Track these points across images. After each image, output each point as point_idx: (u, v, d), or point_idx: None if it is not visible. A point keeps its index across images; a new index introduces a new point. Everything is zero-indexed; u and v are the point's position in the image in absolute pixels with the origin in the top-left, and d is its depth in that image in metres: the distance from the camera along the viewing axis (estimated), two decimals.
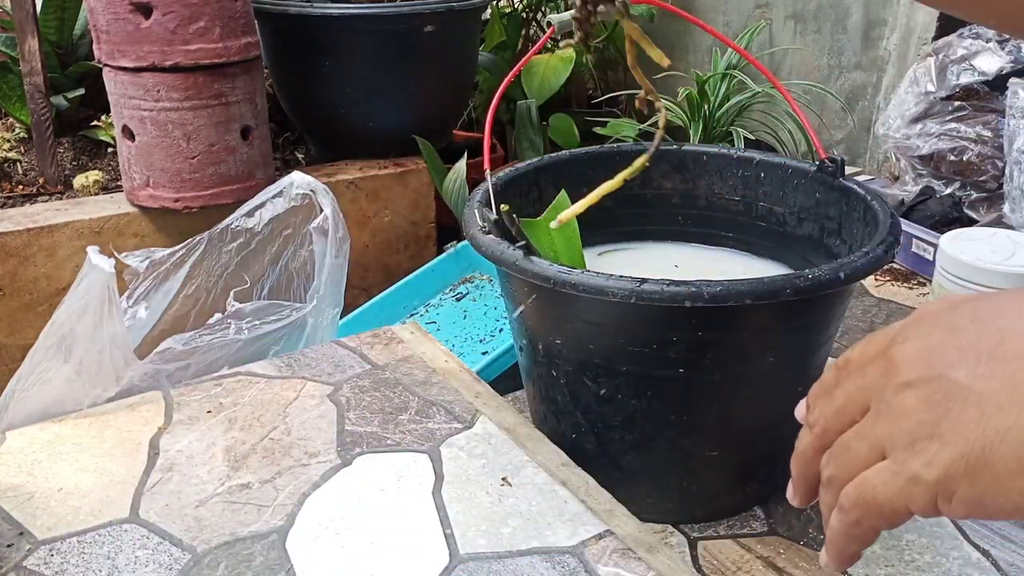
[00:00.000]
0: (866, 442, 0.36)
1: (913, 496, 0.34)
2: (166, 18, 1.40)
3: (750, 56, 0.96)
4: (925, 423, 0.34)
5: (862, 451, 0.37)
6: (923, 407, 0.34)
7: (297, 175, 0.97)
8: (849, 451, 0.37)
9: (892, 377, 0.36)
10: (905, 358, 0.36)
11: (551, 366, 0.81)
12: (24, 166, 1.76)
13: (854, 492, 0.37)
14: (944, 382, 0.34)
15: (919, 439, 0.34)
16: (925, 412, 0.34)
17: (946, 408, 0.34)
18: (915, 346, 0.36)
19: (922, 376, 0.35)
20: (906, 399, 0.35)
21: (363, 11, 1.72)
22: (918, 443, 0.34)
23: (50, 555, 0.61)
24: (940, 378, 0.34)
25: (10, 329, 1.51)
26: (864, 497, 0.36)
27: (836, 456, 0.38)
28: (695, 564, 0.79)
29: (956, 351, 0.35)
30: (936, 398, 0.34)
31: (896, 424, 0.35)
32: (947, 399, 0.34)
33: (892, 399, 0.36)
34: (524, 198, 0.93)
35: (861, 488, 0.36)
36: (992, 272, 0.92)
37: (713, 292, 0.67)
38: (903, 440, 0.35)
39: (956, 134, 1.43)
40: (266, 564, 0.60)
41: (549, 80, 1.99)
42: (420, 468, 0.70)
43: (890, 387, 0.36)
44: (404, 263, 1.84)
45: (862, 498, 0.36)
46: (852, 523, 0.37)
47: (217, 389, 0.81)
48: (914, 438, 0.34)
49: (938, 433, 0.34)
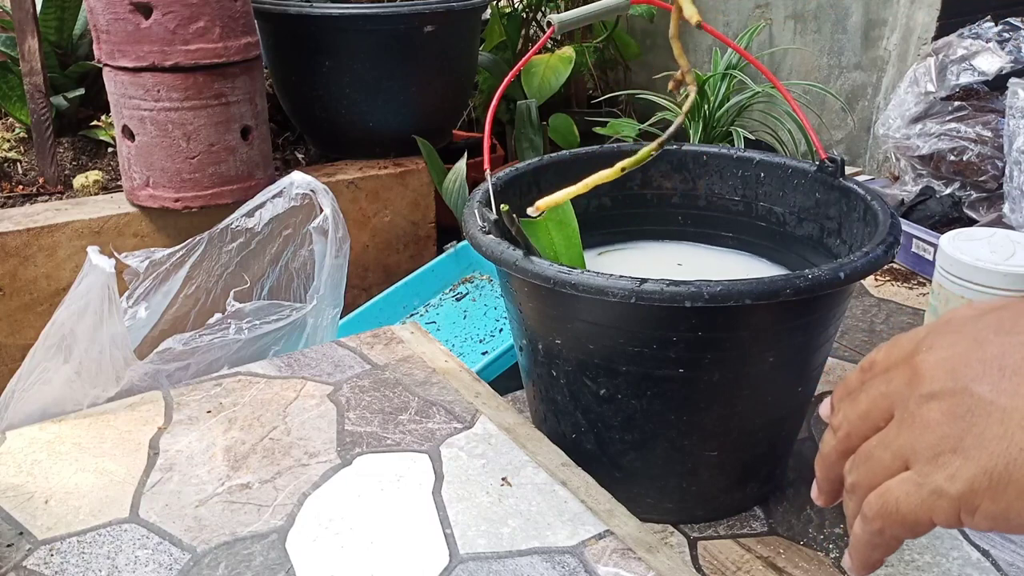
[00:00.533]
0: (889, 451, 0.37)
1: (936, 509, 0.35)
2: (166, 18, 1.40)
3: (750, 56, 0.96)
4: (949, 437, 0.35)
5: (885, 460, 0.37)
6: (946, 420, 0.35)
7: (297, 175, 0.97)
8: (872, 459, 0.38)
9: (916, 387, 0.36)
10: (929, 368, 0.36)
11: (551, 366, 0.81)
12: (24, 166, 1.76)
13: (877, 502, 0.37)
14: (967, 396, 0.35)
15: (943, 452, 0.35)
16: (948, 425, 0.35)
17: (969, 423, 0.34)
18: (939, 356, 0.36)
19: (946, 388, 0.35)
20: (930, 411, 0.35)
21: (363, 11, 1.72)
22: (942, 456, 0.35)
23: (50, 555, 0.61)
24: (964, 391, 0.35)
25: (10, 329, 1.51)
26: (887, 508, 0.36)
27: (859, 464, 0.38)
28: (695, 564, 0.79)
29: (980, 364, 0.35)
30: (959, 412, 0.35)
31: (920, 436, 0.36)
32: (970, 413, 0.34)
33: (916, 410, 0.36)
34: (524, 198, 0.93)
35: (884, 498, 0.37)
36: (992, 272, 0.92)
37: (713, 292, 0.67)
38: (927, 452, 0.35)
39: (956, 134, 1.43)
40: (266, 564, 0.60)
41: (549, 80, 1.99)
42: (420, 468, 0.70)
43: (914, 397, 0.36)
44: (404, 263, 1.85)
45: (885, 508, 0.36)
46: (875, 532, 0.38)
47: (217, 389, 0.81)
48: (938, 451, 0.35)
49: (962, 447, 0.34)
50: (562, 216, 0.84)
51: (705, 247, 0.99)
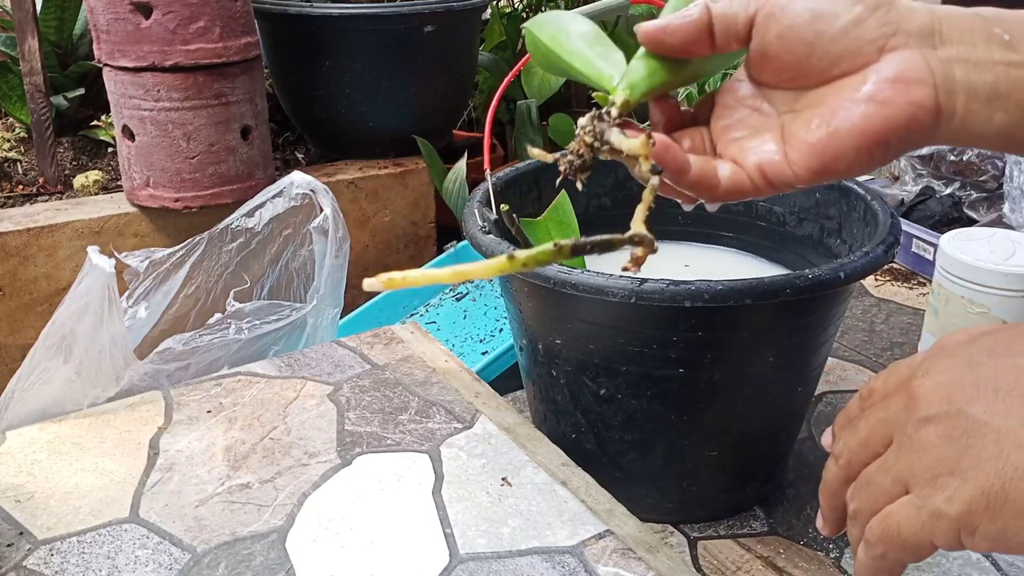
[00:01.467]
0: (889, 476, 0.37)
1: (936, 531, 0.35)
2: (166, 18, 1.40)
3: None
4: (946, 459, 0.35)
5: (885, 485, 0.37)
6: (943, 443, 0.35)
7: (297, 175, 0.97)
8: (873, 485, 0.38)
9: (913, 412, 0.37)
10: (925, 393, 0.37)
11: (551, 366, 0.81)
12: (24, 166, 1.76)
13: (879, 527, 0.37)
14: (963, 418, 0.35)
15: (940, 474, 0.35)
16: (945, 448, 0.35)
17: (965, 444, 0.34)
18: (935, 381, 0.37)
19: (942, 412, 0.36)
20: (927, 434, 0.36)
21: (363, 11, 1.72)
22: (940, 478, 0.35)
23: (50, 555, 0.61)
24: (959, 414, 0.35)
25: (10, 329, 1.51)
26: (888, 532, 0.37)
27: (860, 490, 0.39)
28: (695, 564, 0.79)
29: (974, 387, 0.35)
30: (955, 434, 0.35)
31: (918, 459, 0.36)
32: (966, 435, 0.35)
33: (914, 434, 0.36)
34: (524, 198, 0.93)
35: (886, 523, 0.37)
36: (992, 272, 0.92)
37: (713, 292, 0.67)
38: (925, 475, 0.35)
39: None
40: (266, 564, 0.60)
41: (549, 80, 1.99)
42: (420, 468, 0.70)
43: (911, 422, 0.37)
44: (404, 263, 1.84)
45: (887, 533, 0.37)
46: (878, 557, 0.38)
47: (217, 389, 0.81)
48: (935, 473, 0.35)
49: (959, 469, 0.34)
50: (562, 216, 0.84)
51: (705, 247, 0.99)
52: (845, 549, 0.81)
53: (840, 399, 1.03)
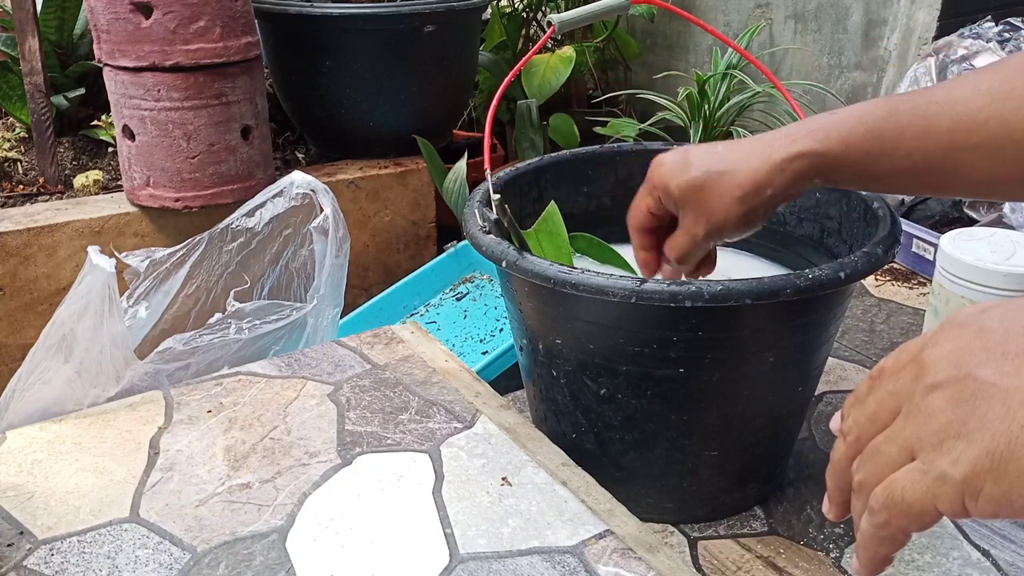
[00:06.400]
0: (896, 444, 0.37)
1: (941, 495, 0.35)
2: (166, 18, 1.40)
3: (750, 56, 0.96)
4: (953, 422, 0.34)
5: (891, 453, 0.37)
6: (950, 407, 0.35)
7: (297, 175, 0.97)
8: (879, 454, 0.37)
9: (921, 380, 0.36)
10: (935, 360, 0.36)
11: (551, 366, 0.81)
12: (24, 166, 1.76)
13: (883, 493, 0.37)
14: (971, 381, 0.35)
15: (947, 438, 0.35)
16: (952, 411, 0.35)
17: (973, 406, 0.34)
18: (945, 349, 0.36)
19: (950, 376, 0.35)
20: (935, 400, 0.35)
21: (363, 11, 1.72)
22: (946, 442, 0.35)
23: (50, 555, 0.61)
24: (967, 377, 0.35)
25: (10, 329, 1.51)
26: (893, 498, 0.36)
27: (866, 460, 0.38)
28: (695, 564, 0.79)
29: (984, 351, 0.35)
30: (963, 397, 0.34)
31: (924, 424, 0.35)
32: (974, 397, 0.34)
33: (921, 401, 0.36)
34: (524, 198, 0.93)
35: (890, 489, 0.36)
36: (992, 272, 0.92)
37: (713, 292, 0.67)
38: (931, 440, 0.35)
39: None
40: (266, 564, 0.60)
41: (549, 80, 1.99)
42: (420, 468, 0.70)
43: (919, 389, 0.36)
44: (404, 263, 1.85)
45: (891, 499, 0.36)
46: (881, 524, 0.37)
47: (217, 389, 0.81)
48: (942, 437, 0.35)
49: (965, 431, 0.34)
50: (552, 227, 0.85)
51: None
52: (845, 549, 0.81)
53: (840, 399, 1.03)
